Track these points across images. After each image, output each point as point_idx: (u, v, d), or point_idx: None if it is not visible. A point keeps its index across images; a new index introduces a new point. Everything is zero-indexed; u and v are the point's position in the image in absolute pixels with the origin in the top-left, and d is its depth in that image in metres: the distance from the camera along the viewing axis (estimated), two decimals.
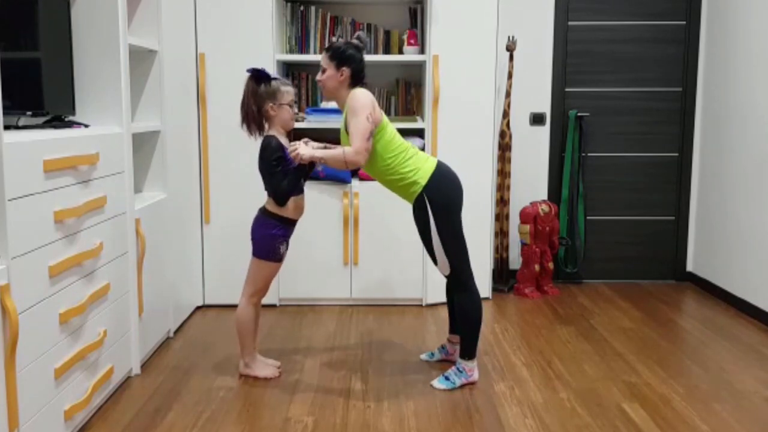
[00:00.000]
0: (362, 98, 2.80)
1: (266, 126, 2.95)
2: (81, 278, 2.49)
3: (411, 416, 2.70)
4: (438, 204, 2.86)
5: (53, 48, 2.70)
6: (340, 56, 2.86)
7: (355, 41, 2.92)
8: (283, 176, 2.88)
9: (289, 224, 2.99)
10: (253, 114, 2.90)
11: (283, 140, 2.94)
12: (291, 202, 2.95)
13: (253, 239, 2.99)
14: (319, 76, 2.93)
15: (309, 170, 2.97)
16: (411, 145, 2.96)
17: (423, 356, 3.31)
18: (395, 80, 4.44)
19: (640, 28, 4.58)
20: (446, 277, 2.98)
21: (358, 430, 2.59)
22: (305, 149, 2.84)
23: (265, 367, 3.08)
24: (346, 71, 2.87)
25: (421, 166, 2.89)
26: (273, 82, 2.90)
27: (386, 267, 4.09)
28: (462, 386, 2.97)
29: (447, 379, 2.98)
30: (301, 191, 2.99)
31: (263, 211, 2.98)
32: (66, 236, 2.37)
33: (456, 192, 2.90)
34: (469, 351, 2.98)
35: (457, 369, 2.99)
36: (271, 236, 2.95)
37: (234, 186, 4.00)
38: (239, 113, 2.94)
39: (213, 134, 3.96)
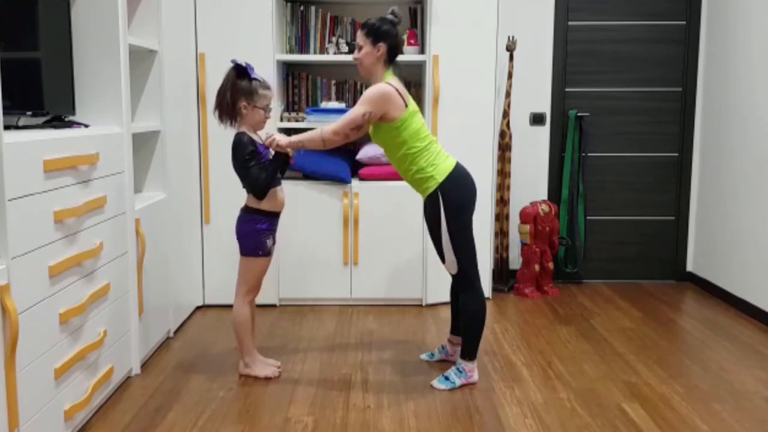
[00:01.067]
0: (374, 95, 2.81)
1: (238, 120, 2.94)
2: (81, 278, 2.49)
3: (411, 416, 2.70)
4: (451, 202, 2.86)
5: (53, 48, 2.70)
6: (376, 32, 2.87)
7: (389, 16, 2.93)
8: (260, 170, 2.89)
9: (273, 217, 3.00)
10: (227, 105, 2.89)
11: (254, 137, 2.94)
12: (270, 194, 2.95)
13: (238, 238, 3.00)
14: (355, 54, 2.94)
15: (285, 162, 2.96)
16: (436, 140, 2.97)
17: (423, 356, 3.31)
18: None
19: (640, 28, 4.58)
20: (453, 276, 2.98)
21: (358, 430, 2.59)
22: (281, 136, 2.88)
23: (265, 367, 3.08)
24: (382, 47, 2.88)
25: (440, 163, 2.89)
26: (253, 82, 2.89)
27: (386, 267, 4.09)
28: (462, 386, 2.97)
29: (447, 379, 2.98)
30: (278, 183, 2.99)
31: (245, 209, 2.99)
32: (66, 236, 2.37)
33: (470, 194, 2.91)
34: (470, 351, 2.98)
35: (458, 369, 2.99)
36: (256, 231, 2.96)
37: (234, 186, 3.96)
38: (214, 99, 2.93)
39: (213, 134, 3.96)
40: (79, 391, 2.49)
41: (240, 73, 2.89)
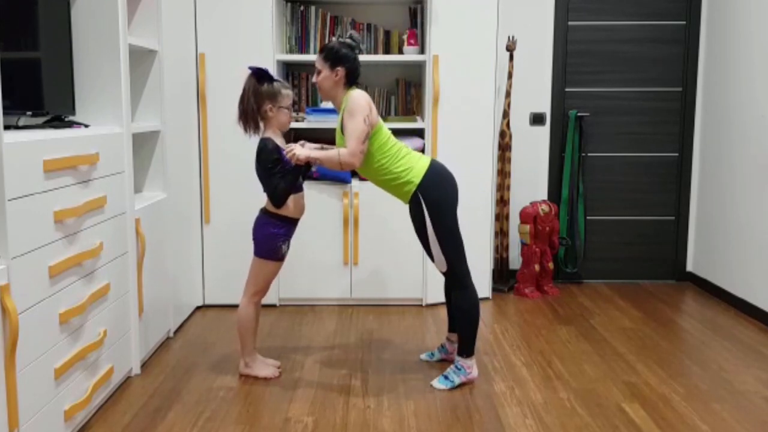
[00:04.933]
0: (360, 100, 2.82)
1: (262, 126, 2.95)
2: (81, 278, 2.49)
3: (411, 416, 2.70)
4: (432, 201, 2.87)
5: (53, 48, 2.70)
6: (334, 56, 2.88)
7: (348, 40, 2.94)
8: (281, 178, 2.89)
9: (291, 223, 3.00)
10: (252, 111, 2.90)
11: (279, 141, 2.94)
12: (291, 201, 2.95)
13: (254, 239, 2.99)
14: (314, 78, 2.96)
15: (306, 170, 2.97)
16: (404, 144, 2.98)
17: (423, 356, 3.31)
18: (395, 80, 4.44)
19: (640, 28, 4.58)
20: (443, 274, 2.99)
21: (358, 430, 2.59)
22: (301, 150, 2.86)
23: (265, 367, 3.08)
24: (340, 71, 2.88)
25: (414, 165, 2.90)
26: (275, 84, 2.91)
27: (386, 267, 4.09)
28: (462, 384, 2.97)
29: (446, 378, 2.98)
30: (300, 189, 3.00)
31: (264, 211, 2.99)
32: (66, 236, 2.37)
33: (450, 189, 2.91)
34: (467, 348, 2.98)
35: (456, 367, 2.99)
36: (272, 235, 2.95)
37: (234, 186, 4.00)
38: (237, 109, 2.94)
39: (213, 134, 3.96)
40: (79, 391, 2.49)
41: (260, 77, 2.90)
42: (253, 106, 2.89)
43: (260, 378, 3.05)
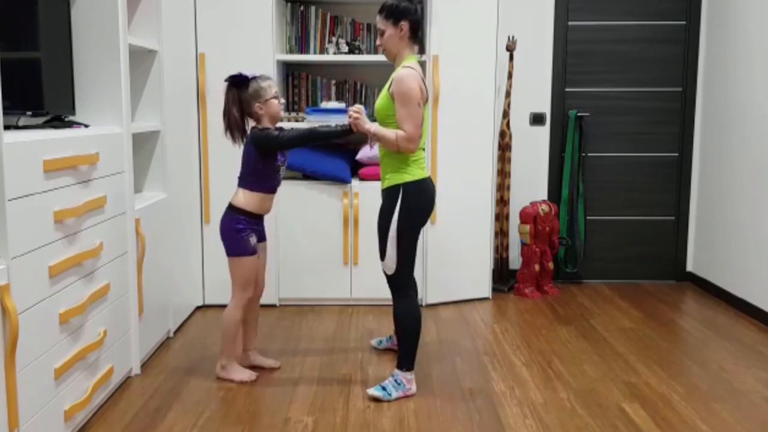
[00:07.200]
0: (412, 83, 2.72)
1: (248, 126, 2.95)
2: (81, 278, 2.49)
3: (411, 416, 2.70)
4: (408, 204, 2.79)
5: (53, 48, 2.70)
6: (395, 12, 2.82)
7: None
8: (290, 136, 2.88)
9: (254, 218, 2.99)
10: (236, 121, 2.92)
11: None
12: (258, 198, 2.96)
13: (222, 240, 2.99)
14: (378, 41, 2.89)
15: (343, 135, 2.87)
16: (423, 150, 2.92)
17: (373, 342, 3.37)
18: None
19: (640, 28, 4.58)
20: (388, 278, 2.90)
21: (358, 430, 2.59)
22: (365, 121, 2.78)
23: (241, 372, 3.04)
24: (405, 25, 2.82)
25: (416, 168, 2.83)
26: (252, 83, 2.90)
27: None
28: (399, 399, 2.86)
29: (384, 389, 2.86)
30: (274, 191, 3.01)
31: (229, 207, 2.99)
32: (66, 236, 2.37)
33: (427, 207, 2.86)
34: (406, 361, 2.88)
35: (395, 381, 2.88)
36: (236, 231, 2.94)
37: (234, 186, 3.98)
38: (222, 122, 2.96)
39: (213, 134, 3.96)
40: (79, 391, 2.49)
41: (238, 84, 2.90)
42: (236, 115, 2.91)
43: (236, 382, 3.00)
